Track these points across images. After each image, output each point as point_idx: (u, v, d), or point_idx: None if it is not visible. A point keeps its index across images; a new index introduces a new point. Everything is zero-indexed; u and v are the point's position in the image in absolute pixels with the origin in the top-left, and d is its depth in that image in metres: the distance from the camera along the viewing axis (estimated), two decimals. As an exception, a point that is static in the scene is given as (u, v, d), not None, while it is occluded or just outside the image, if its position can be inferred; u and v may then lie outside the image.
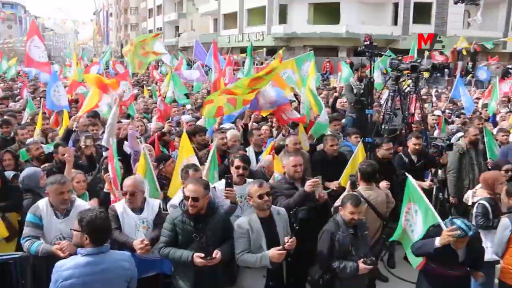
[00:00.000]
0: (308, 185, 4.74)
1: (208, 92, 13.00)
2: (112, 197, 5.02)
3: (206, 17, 48.60)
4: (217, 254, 3.97)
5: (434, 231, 4.32)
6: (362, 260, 4.26)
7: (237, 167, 5.09)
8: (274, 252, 4.06)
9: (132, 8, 74.99)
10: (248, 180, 5.03)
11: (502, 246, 4.71)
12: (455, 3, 7.09)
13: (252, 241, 4.21)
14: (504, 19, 32.75)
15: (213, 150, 5.66)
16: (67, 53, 46.32)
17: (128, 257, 3.65)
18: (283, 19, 34.16)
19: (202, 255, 3.92)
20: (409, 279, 5.64)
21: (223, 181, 4.81)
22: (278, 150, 6.38)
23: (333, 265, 4.30)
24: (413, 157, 6.63)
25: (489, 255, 4.88)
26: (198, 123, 8.16)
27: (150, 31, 63.72)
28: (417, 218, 4.65)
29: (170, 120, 8.62)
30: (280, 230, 4.33)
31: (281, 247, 4.08)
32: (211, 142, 6.92)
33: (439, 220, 4.31)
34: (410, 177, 4.78)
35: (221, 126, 7.68)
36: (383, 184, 5.49)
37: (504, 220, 4.76)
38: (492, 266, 5.11)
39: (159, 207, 4.63)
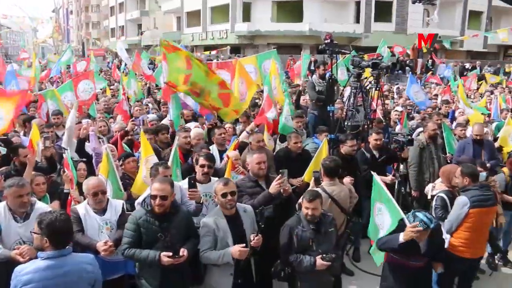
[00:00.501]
0: (273, 186, 4.75)
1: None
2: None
3: (169, 15, 48.11)
4: (184, 252, 3.95)
5: (399, 226, 4.42)
6: (320, 256, 4.30)
7: (202, 166, 5.08)
8: (235, 248, 4.06)
9: (93, 6, 73.40)
10: (213, 179, 5.04)
11: (458, 222, 4.97)
12: (413, 2, 7.31)
13: (219, 239, 4.21)
14: (460, 18, 33.80)
15: (175, 148, 5.62)
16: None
17: (91, 260, 3.56)
18: (246, 17, 34.19)
19: (170, 254, 3.89)
20: (374, 272, 5.74)
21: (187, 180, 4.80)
22: (242, 148, 6.41)
23: (290, 258, 4.34)
24: (375, 153, 6.75)
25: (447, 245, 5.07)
26: (163, 122, 8.11)
27: (112, 30, 62.73)
28: (383, 216, 4.72)
29: (133, 119, 8.51)
30: (247, 227, 4.34)
31: (243, 244, 4.09)
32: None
33: (403, 215, 4.40)
34: (375, 175, 4.82)
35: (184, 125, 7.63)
36: (347, 179, 5.56)
37: (462, 197, 5.01)
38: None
39: (123, 208, 4.56)
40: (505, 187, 6.47)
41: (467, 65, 25.55)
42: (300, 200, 4.54)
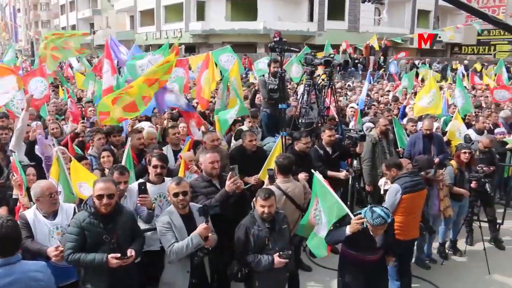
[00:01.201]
0: (228, 185, 4.75)
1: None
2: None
3: (122, 14, 47.18)
4: (131, 252, 3.91)
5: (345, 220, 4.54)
6: (277, 254, 4.32)
7: (155, 166, 5.03)
8: (200, 228, 4.10)
9: (43, 3, 70.97)
10: (167, 179, 4.99)
11: (393, 208, 5.26)
12: (363, 1, 7.48)
13: (176, 236, 4.20)
14: (410, 17, 34.79)
15: (127, 150, 5.52)
16: None
17: (42, 267, 3.41)
18: (201, 16, 33.97)
19: (118, 255, 3.82)
20: (331, 267, 5.83)
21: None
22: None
23: (247, 259, 4.33)
24: (328, 149, 6.84)
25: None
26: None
27: (63, 29, 60.78)
28: (322, 213, 4.82)
29: (84, 121, 8.28)
30: (200, 226, 4.32)
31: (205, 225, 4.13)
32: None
33: (347, 210, 4.51)
34: (316, 173, 4.89)
35: (137, 126, 7.50)
36: (302, 175, 5.66)
37: (394, 185, 5.34)
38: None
39: (74, 212, 4.42)
40: (454, 179, 6.72)
41: (417, 62, 26.38)
42: (254, 199, 4.54)
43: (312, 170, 4.96)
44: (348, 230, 4.40)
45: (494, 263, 6.74)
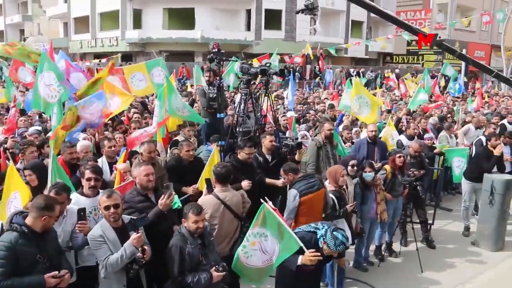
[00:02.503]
0: (162, 203, 4.65)
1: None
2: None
3: (55, 20, 45.38)
4: (66, 273, 3.77)
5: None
6: (214, 268, 4.28)
7: (88, 179, 4.85)
8: (132, 238, 3.99)
9: (-33, 8, 67.09)
10: (101, 191, 4.81)
11: (294, 212, 5.45)
12: (296, 13, 7.68)
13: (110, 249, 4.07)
14: (344, 27, 35.90)
15: (53, 164, 5.25)
16: None
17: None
18: (137, 24, 33.35)
19: (55, 273, 3.66)
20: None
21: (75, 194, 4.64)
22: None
23: (186, 280, 4.22)
24: (268, 156, 6.88)
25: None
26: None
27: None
28: (265, 243, 4.71)
29: (14, 135, 7.91)
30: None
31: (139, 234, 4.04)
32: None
33: (300, 243, 4.41)
34: (266, 204, 4.70)
35: (69, 138, 7.21)
36: (245, 183, 5.76)
37: (292, 190, 5.49)
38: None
39: (2, 229, 4.17)
40: (384, 182, 6.97)
41: (352, 71, 27.28)
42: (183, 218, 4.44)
43: (261, 200, 4.76)
44: (300, 261, 4.39)
45: (426, 262, 7.05)
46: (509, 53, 28.88)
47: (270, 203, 4.75)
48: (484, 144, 8.79)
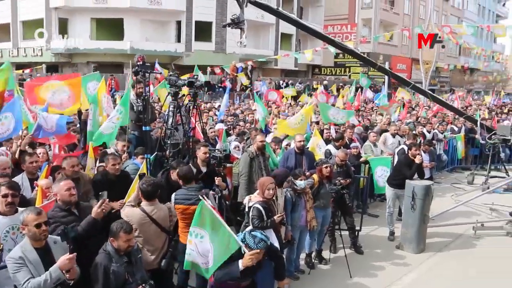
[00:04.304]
0: (95, 211, 4.56)
1: None
2: None
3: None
4: None
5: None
6: (141, 286, 4.20)
7: (5, 196, 4.58)
8: (62, 259, 3.81)
9: None
10: (20, 209, 4.56)
11: None
12: (223, 26, 7.76)
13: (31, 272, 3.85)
14: (274, 39, 36.61)
15: None
16: None
17: None
18: (63, 33, 32.07)
19: None
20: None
21: None
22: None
23: None
24: (203, 168, 6.86)
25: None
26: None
27: None
28: (201, 245, 4.71)
29: None
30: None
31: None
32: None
33: (240, 243, 4.43)
34: (204, 202, 4.75)
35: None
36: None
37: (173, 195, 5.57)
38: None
39: None
40: (315, 191, 7.13)
41: (282, 82, 27.82)
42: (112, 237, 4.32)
43: (200, 196, 4.85)
44: (241, 265, 4.36)
45: (354, 267, 7.26)
46: (427, 66, 30.65)
47: (209, 201, 4.79)
48: (406, 152, 9.23)
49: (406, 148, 9.61)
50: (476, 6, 60.68)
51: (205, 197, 4.85)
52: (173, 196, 5.64)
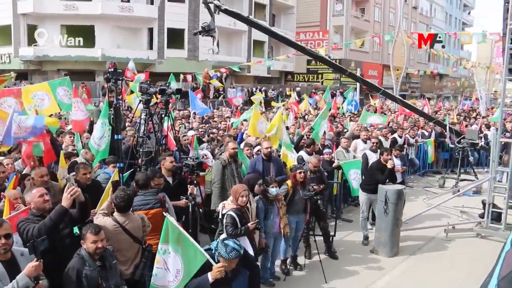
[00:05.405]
0: (65, 198, 4.48)
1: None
2: None
3: None
4: None
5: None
6: None
7: None
8: (28, 267, 3.70)
9: None
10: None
11: None
12: (194, 34, 7.75)
13: None
14: (246, 46, 36.74)
15: None
16: None
17: None
18: (32, 40, 31.43)
19: None
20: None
21: None
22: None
23: None
24: (169, 178, 6.79)
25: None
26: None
27: None
28: (169, 260, 4.68)
29: None
30: (27, 272, 3.88)
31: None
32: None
33: (207, 256, 4.42)
34: (168, 216, 4.73)
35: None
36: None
37: None
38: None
39: None
40: (285, 197, 7.13)
41: (254, 89, 27.89)
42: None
43: (164, 213, 4.86)
44: (211, 277, 4.35)
45: (329, 272, 7.30)
46: (398, 72, 31.24)
47: (172, 217, 4.76)
48: (378, 157, 9.31)
49: (368, 153, 10.06)
50: (443, 14, 62.29)
51: (168, 213, 4.84)
52: None
